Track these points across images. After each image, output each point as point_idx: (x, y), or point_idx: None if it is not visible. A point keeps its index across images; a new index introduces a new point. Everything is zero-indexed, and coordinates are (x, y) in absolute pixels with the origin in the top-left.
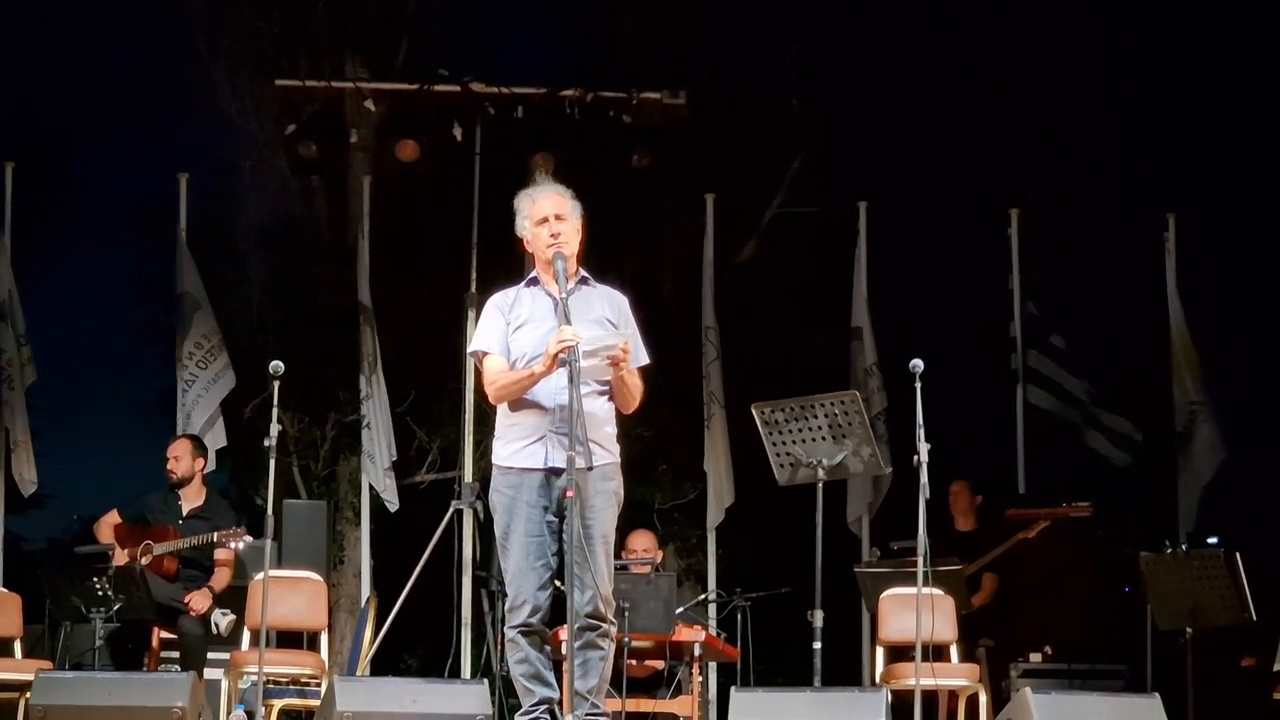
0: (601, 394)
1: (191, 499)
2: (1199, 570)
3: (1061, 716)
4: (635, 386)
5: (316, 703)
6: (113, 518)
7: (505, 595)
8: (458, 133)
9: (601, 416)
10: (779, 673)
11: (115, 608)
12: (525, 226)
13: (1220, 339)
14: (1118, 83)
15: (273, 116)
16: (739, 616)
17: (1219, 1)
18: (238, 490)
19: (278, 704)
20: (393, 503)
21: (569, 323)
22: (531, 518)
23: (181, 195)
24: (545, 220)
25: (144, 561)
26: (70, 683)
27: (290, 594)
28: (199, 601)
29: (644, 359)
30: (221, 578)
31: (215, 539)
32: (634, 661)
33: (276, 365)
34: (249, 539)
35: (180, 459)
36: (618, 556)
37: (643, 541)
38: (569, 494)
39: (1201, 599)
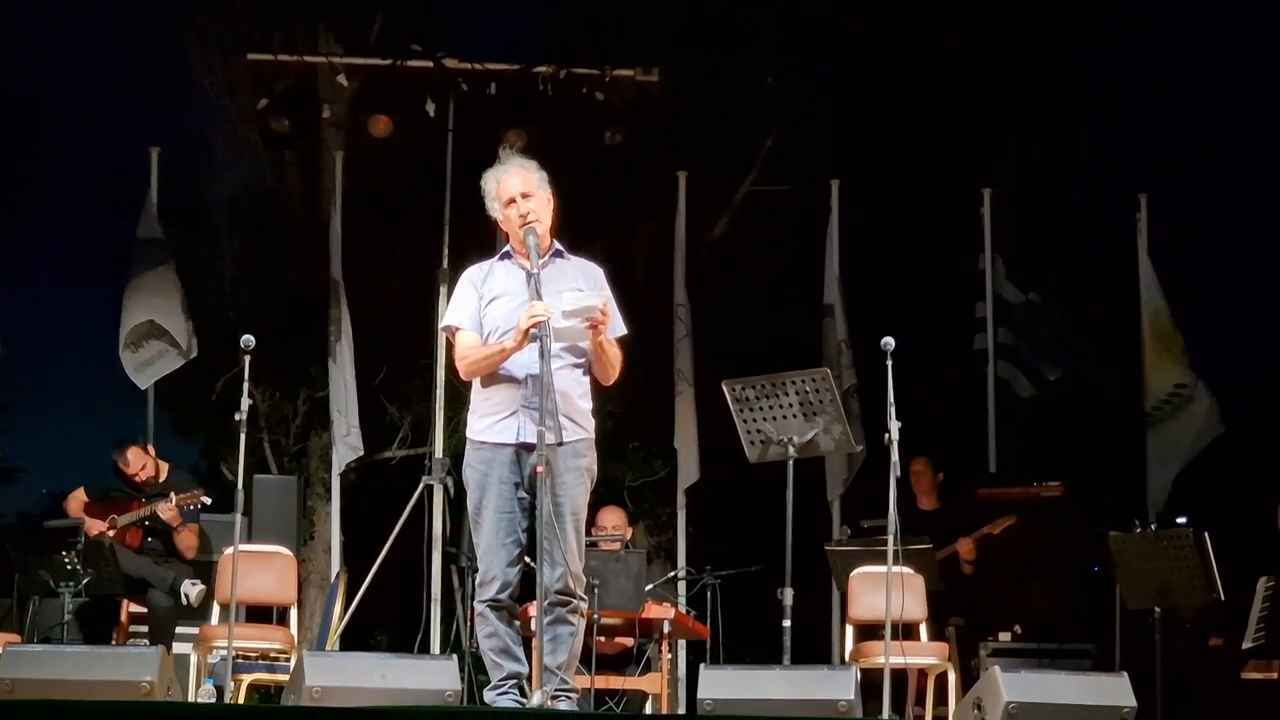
0: (576, 368)
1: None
2: (1168, 550)
3: (1030, 695)
4: (615, 356)
5: (285, 678)
6: (80, 495)
7: (475, 570)
8: (431, 109)
9: (576, 391)
10: (748, 650)
11: (84, 582)
12: (495, 208)
13: (1190, 320)
14: (1091, 62)
15: (245, 91)
16: (709, 594)
17: None
18: (209, 465)
19: (247, 679)
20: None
21: (540, 297)
22: (503, 493)
23: (153, 169)
24: (513, 200)
25: (110, 534)
26: (38, 656)
27: (260, 569)
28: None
29: (622, 329)
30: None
31: (174, 500)
32: (603, 639)
33: (247, 340)
34: (206, 500)
35: (146, 466)
36: (588, 533)
37: (613, 518)
38: (539, 470)
39: (1170, 579)
